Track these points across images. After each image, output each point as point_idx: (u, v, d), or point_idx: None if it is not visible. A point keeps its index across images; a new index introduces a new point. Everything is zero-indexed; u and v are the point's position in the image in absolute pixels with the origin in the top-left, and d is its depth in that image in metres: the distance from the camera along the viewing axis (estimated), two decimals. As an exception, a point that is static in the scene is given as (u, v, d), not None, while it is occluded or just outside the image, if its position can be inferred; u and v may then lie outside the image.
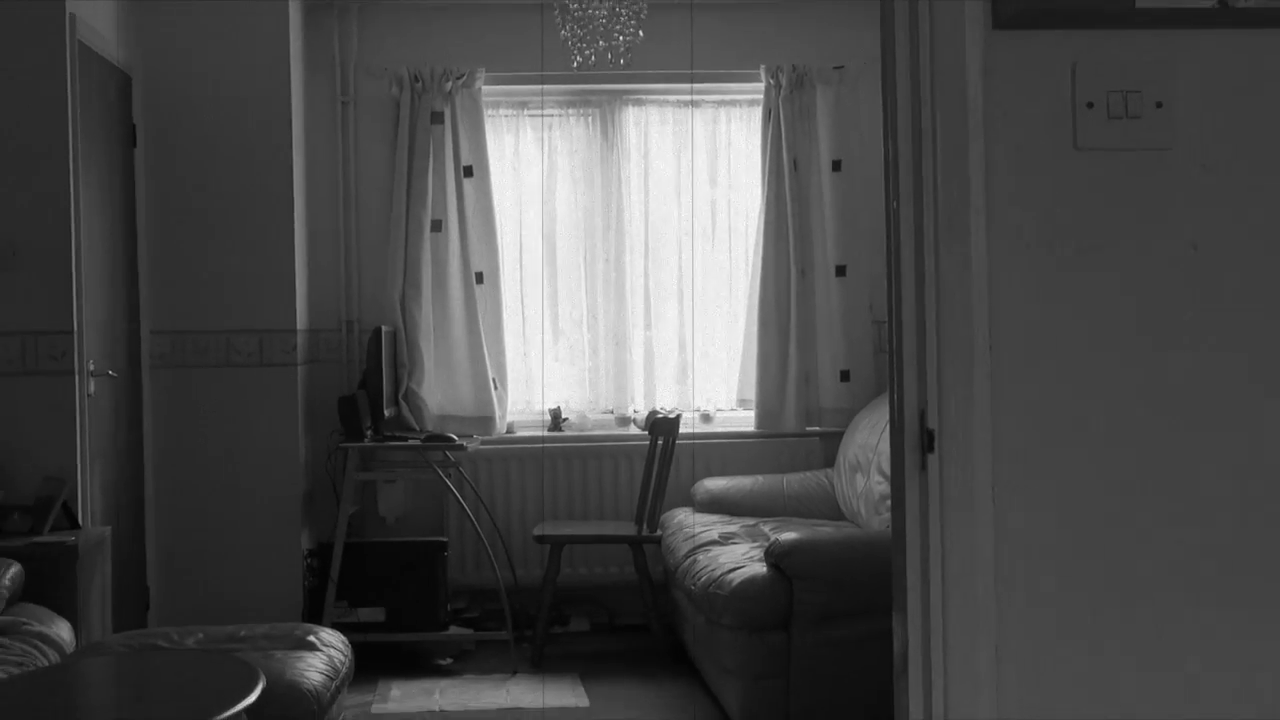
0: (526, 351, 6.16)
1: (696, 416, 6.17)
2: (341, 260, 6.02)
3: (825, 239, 6.03)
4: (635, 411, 6.13)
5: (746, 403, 6.13)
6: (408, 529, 5.89)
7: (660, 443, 5.43)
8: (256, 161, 5.50)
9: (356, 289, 6.03)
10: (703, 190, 6.21)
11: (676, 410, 5.90)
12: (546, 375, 6.16)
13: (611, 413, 6.15)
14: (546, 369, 6.16)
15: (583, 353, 6.17)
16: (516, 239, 6.16)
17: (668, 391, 6.19)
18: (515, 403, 6.12)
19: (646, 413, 5.99)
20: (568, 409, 6.13)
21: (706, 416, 6.20)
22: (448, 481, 5.61)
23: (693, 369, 6.21)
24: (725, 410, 6.22)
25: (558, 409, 6.12)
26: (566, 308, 6.17)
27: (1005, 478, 2.07)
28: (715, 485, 5.82)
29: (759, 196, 6.06)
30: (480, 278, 5.95)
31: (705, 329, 6.21)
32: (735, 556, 4.61)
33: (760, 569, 4.30)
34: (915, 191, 2.10)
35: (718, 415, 6.22)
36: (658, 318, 6.19)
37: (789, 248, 5.99)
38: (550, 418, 6.11)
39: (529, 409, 6.17)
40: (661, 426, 5.46)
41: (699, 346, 6.22)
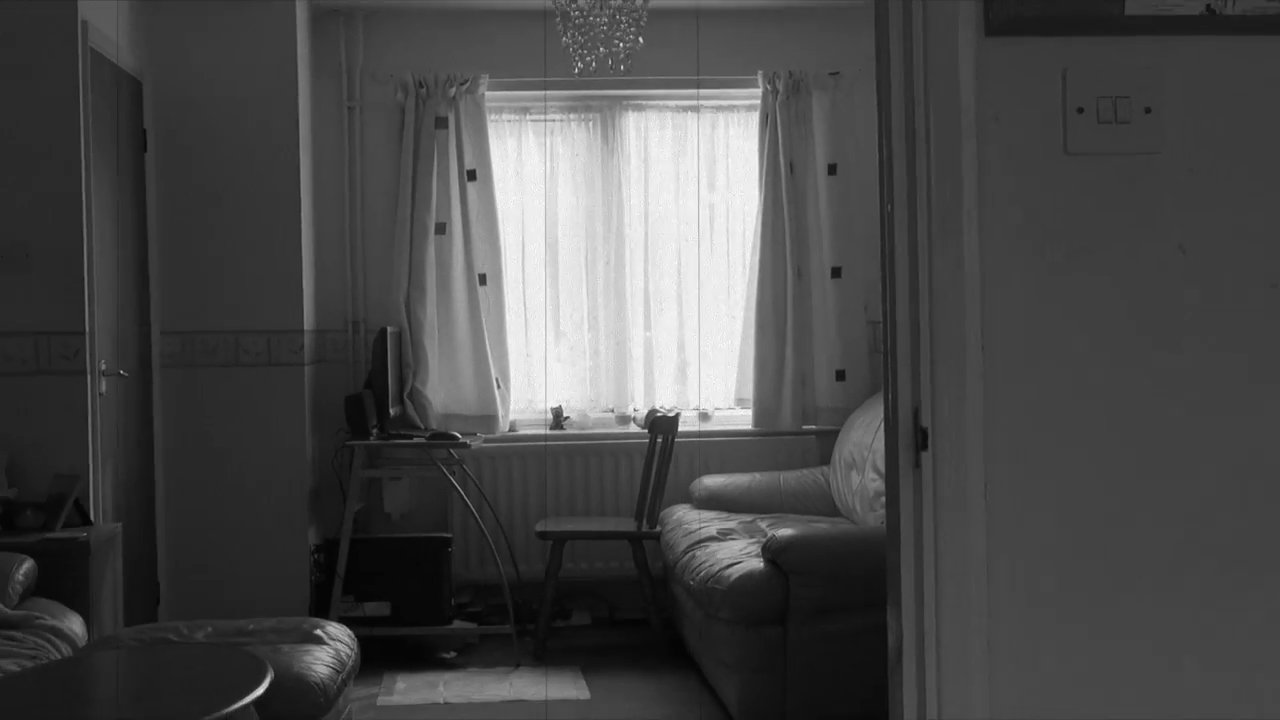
0: (528, 351, 6.16)
1: (695, 415, 6.17)
2: (347, 262, 6.02)
3: (821, 241, 6.03)
4: (635, 410, 6.13)
5: (744, 401, 6.13)
6: (412, 525, 5.89)
7: (659, 441, 5.43)
8: (264, 165, 5.50)
9: (362, 290, 6.03)
10: (701, 193, 6.21)
11: (675, 409, 5.90)
12: (548, 375, 6.16)
13: (612, 411, 6.15)
14: (548, 369, 6.16)
15: (584, 353, 6.17)
16: (519, 241, 6.16)
17: (667, 391, 6.19)
18: (518, 401, 6.11)
19: (646, 411, 5.99)
20: (569, 408, 6.13)
21: (705, 415, 6.21)
22: (451, 479, 5.61)
23: (704, 368, 6.21)
24: (723, 409, 6.22)
25: (559, 408, 6.12)
26: (568, 309, 6.17)
27: (998, 475, 2.07)
28: (713, 482, 5.82)
29: (756, 199, 6.07)
30: (483, 279, 5.96)
31: (704, 329, 6.20)
32: (733, 552, 4.60)
33: (757, 564, 4.30)
34: (909, 195, 2.10)
35: (716, 414, 6.22)
36: (657, 318, 6.19)
37: (786, 250, 5.99)
38: (552, 416, 6.11)
39: (531, 408, 6.17)
40: (661, 425, 5.46)
41: (697, 346, 6.22)
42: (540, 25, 5.51)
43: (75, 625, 3.77)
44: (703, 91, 6.09)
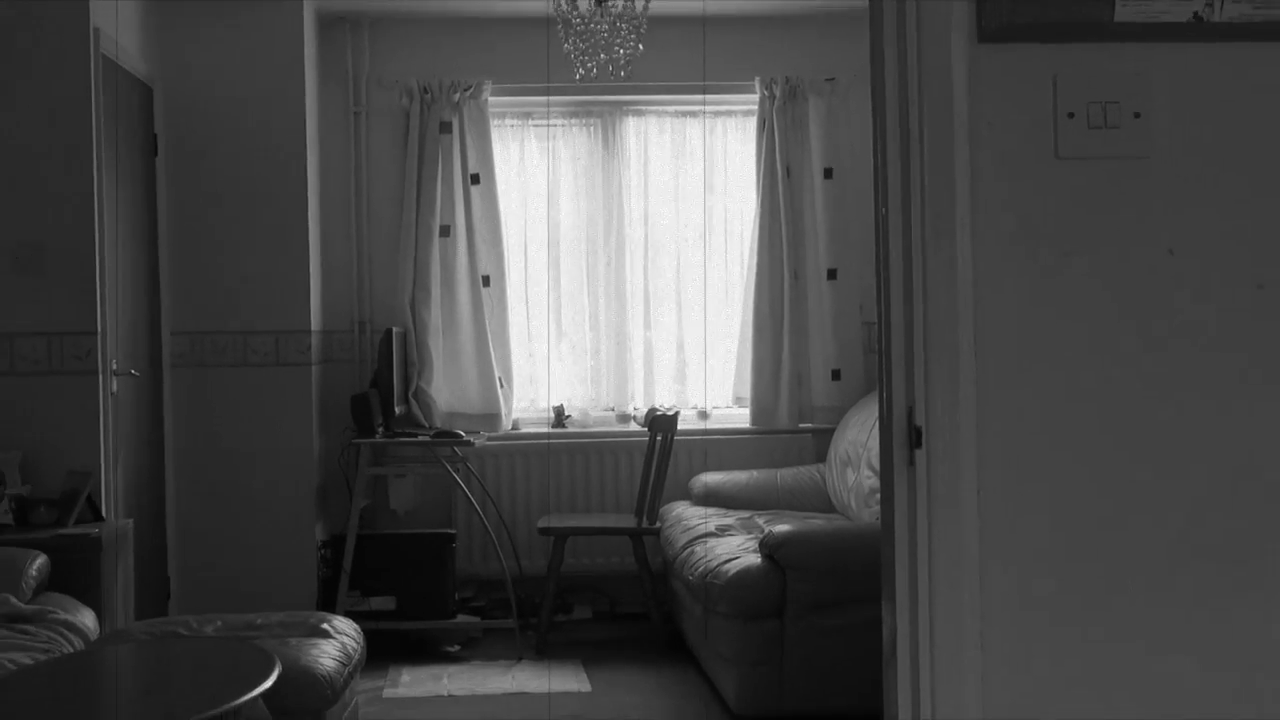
0: (531, 351, 6.16)
1: (694, 414, 6.17)
2: (354, 264, 6.02)
3: (817, 244, 6.03)
4: (635, 409, 6.12)
5: (742, 400, 6.13)
6: (417, 521, 5.89)
7: (659, 439, 5.43)
8: (272, 170, 5.50)
9: (368, 292, 6.03)
10: (700, 197, 6.21)
11: (675, 408, 5.89)
12: (550, 374, 6.16)
13: (612, 410, 6.15)
14: (550, 368, 6.16)
15: (585, 352, 6.17)
16: (521, 244, 6.15)
17: (666, 390, 6.19)
18: (520, 400, 6.11)
19: (646, 410, 5.99)
20: (571, 406, 6.13)
21: (704, 414, 6.20)
22: (456, 476, 5.61)
23: (703, 368, 6.21)
24: (721, 408, 6.22)
25: (561, 406, 6.11)
26: (569, 309, 6.17)
27: (990, 472, 2.07)
28: (712, 479, 5.82)
29: (754, 203, 6.06)
30: (487, 281, 5.95)
31: (702, 330, 6.20)
32: (731, 548, 4.60)
33: (755, 560, 4.29)
34: (903, 198, 2.10)
35: (714, 412, 6.22)
36: (657, 319, 6.19)
37: (782, 252, 5.99)
38: (554, 415, 6.11)
39: (533, 406, 6.17)
40: (660, 423, 5.46)
41: (696, 346, 6.21)
42: (542, 32, 5.50)
43: (87, 619, 3.77)
44: (701, 97, 6.09)
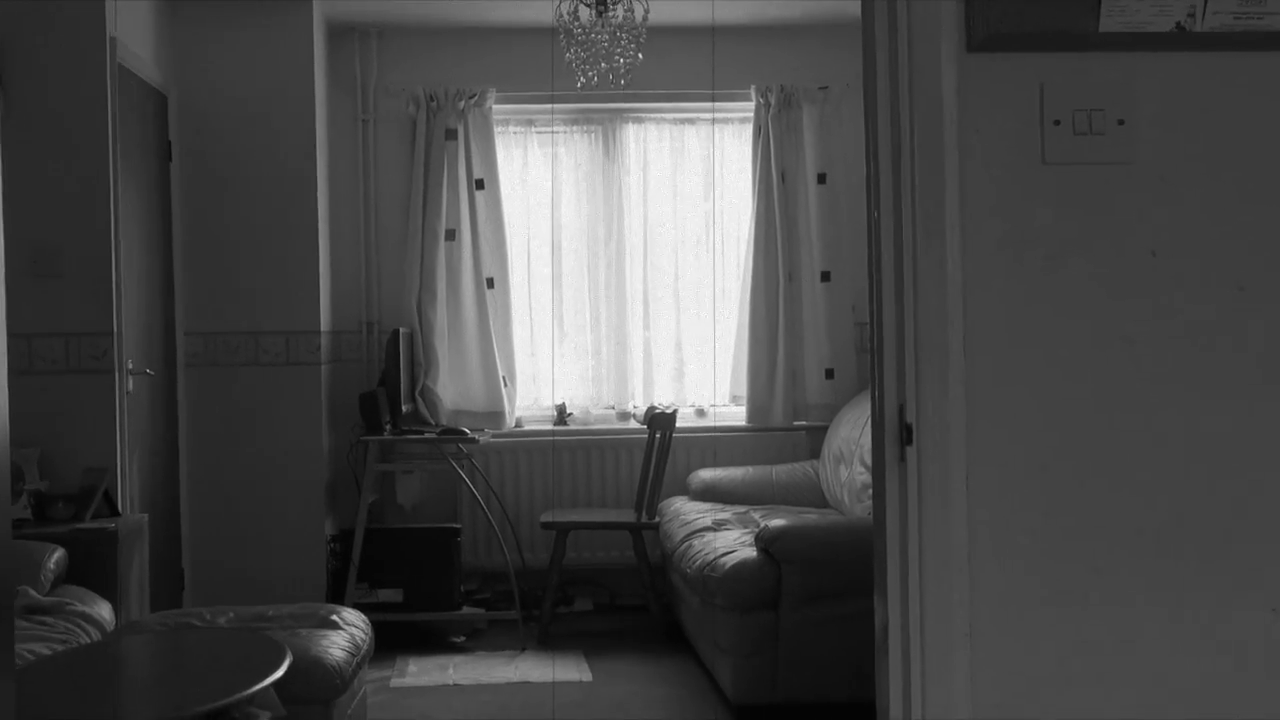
0: (534, 351, 6.16)
1: (692, 412, 6.17)
2: (362, 266, 6.02)
3: (811, 247, 6.03)
4: (635, 407, 6.13)
5: (738, 399, 6.13)
6: (424, 516, 5.89)
7: (658, 436, 5.43)
8: (283, 175, 5.50)
9: (376, 293, 6.03)
10: (698, 201, 6.21)
11: (673, 406, 5.89)
12: (553, 373, 6.16)
13: (613, 408, 6.15)
14: (553, 368, 6.16)
15: (586, 352, 6.17)
16: (525, 247, 6.15)
17: (665, 388, 6.19)
18: (523, 399, 6.12)
19: (645, 408, 5.99)
20: (572, 404, 6.13)
21: (701, 412, 6.20)
22: (461, 472, 5.61)
23: (700, 367, 6.20)
24: (718, 406, 6.22)
25: (563, 405, 6.12)
26: (571, 310, 6.17)
27: (979, 468, 2.07)
28: (709, 475, 5.82)
29: (750, 207, 6.07)
30: (491, 283, 5.96)
31: (700, 330, 6.20)
32: (727, 542, 4.60)
33: (751, 553, 4.29)
34: (895, 203, 2.10)
35: (711, 410, 6.22)
36: (656, 320, 6.19)
37: (777, 255, 5.99)
38: (556, 413, 6.11)
39: (536, 405, 6.17)
40: (659, 421, 5.46)
41: (694, 346, 6.22)
42: (544, 42, 5.50)
43: (104, 611, 3.77)
44: (699, 105, 6.10)
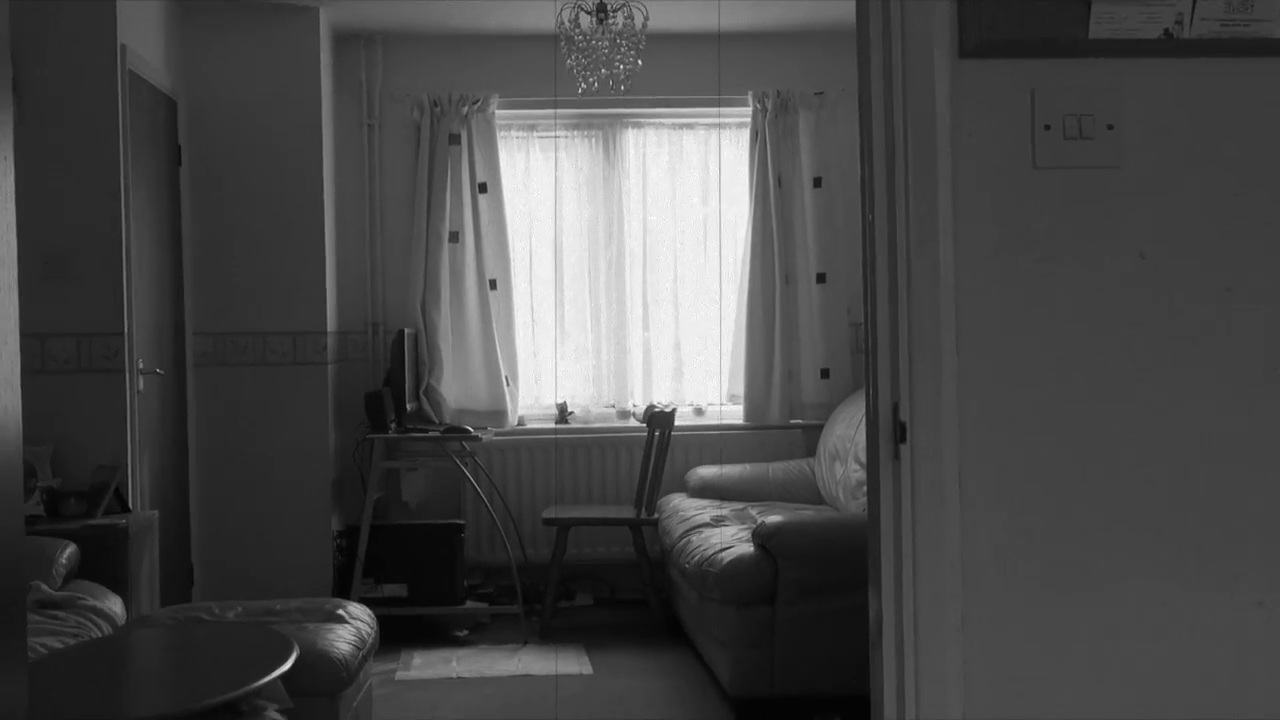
0: (536, 351, 6.16)
1: (690, 410, 6.17)
2: (367, 268, 6.02)
3: (807, 249, 6.03)
4: (634, 406, 6.13)
5: (735, 398, 6.13)
6: (428, 513, 5.89)
7: (657, 434, 5.43)
8: (290, 179, 5.50)
9: (381, 295, 6.03)
10: (696, 204, 6.21)
11: (672, 405, 5.89)
12: (553, 373, 6.16)
13: (613, 407, 6.15)
14: (554, 367, 6.16)
15: (587, 352, 6.17)
16: (526, 249, 6.15)
17: (664, 387, 6.19)
18: (525, 398, 6.12)
19: (645, 407, 5.99)
20: (573, 403, 6.13)
21: (699, 410, 6.20)
22: (464, 469, 5.61)
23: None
24: (716, 405, 6.22)
25: (564, 403, 6.12)
26: (572, 311, 6.17)
27: (971, 466, 2.07)
28: (707, 473, 5.82)
29: (747, 210, 6.07)
30: (493, 284, 5.96)
31: (698, 331, 6.20)
32: (725, 537, 4.60)
33: (748, 549, 4.29)
34: (889, 206, 2.10)
35: (709, 409, 6.22)
36: (655, 320, 6.19)
37: (774, 257, 6.00)
38: (557, 411, 6.11)
39: (538, 403, 6.17)
40: (658, 419, 5.46)
41: (692, 346, 6.22)
42: (546, 49, 5.50)
43: (115, 605, 3.77)
44: (697, 110, 6.10)
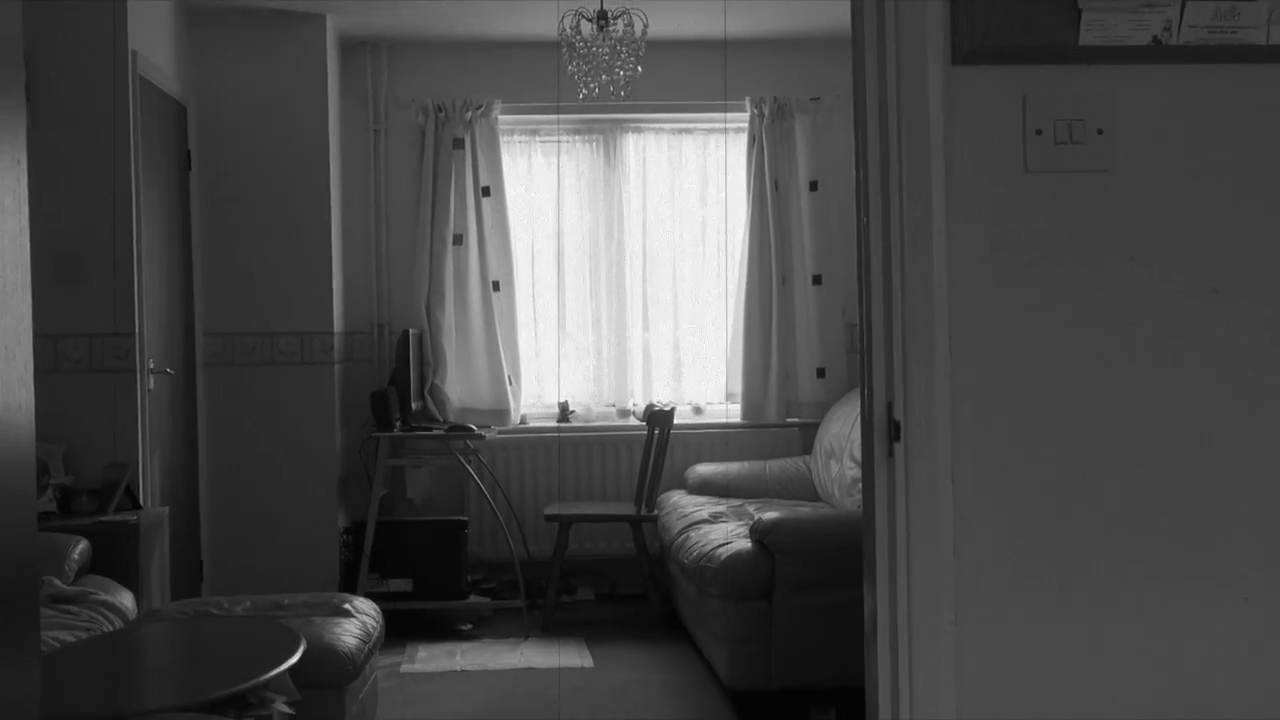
0: (538, 351, 6.16)
1: (689, 409, 6.17)
2: (373, 270, 6.02)
3: (804, 251, 6.03)
4: (634, 405, 6.12)
5: (733, 396, 6.12)
6: (432, 509, 5.89)
7: (657, 432, 5.43)
8: (297, 183, 5.50)
9: (387, 296, 6.03)
10: (694, 207, 6.21)
11: (671, 404, 5.89)
12: (555, 372, 6.16)
13: (613, 406, 6.15)
14: (556, 367, 6.16)
15: (588, 352, 6.17)
16: (529, 251, 6.15)
17: (663, 387, 6.19)
18: (528, 397, 6.11)
19: (645, 406, 5.99)
20: (575, 402, 6.13)
21: (698, 409, 6.20)
22: (468, 467, 5.61)
23: (697, 366, 6.20)
24: (714, 403, 6.22)
25: (566, 403, 6.11)
26: (573, 312, 6.17)
27: (964, 463, 2.07)
28: (705, 470, 5.82)
29: (744, 213, 6.07)
30: (497, 286, 5.96)
31: (696, 331, 6.20)
32: (723, 533, 4.60)
33: (745, 545, 4.29)
34: (883, 209, 2.10)
35: (708, 408, 6.22)
36: (654, 321, 6.19)
37: (771, 259, 6.00)
38: (559, 410, 6.11)
39: (540, 402, 6.17)
40: (658, 418, 5.46)
41: (691, 346, 6.22)
42: (548, 56, 5.50)
43: (126, 600, 3.78)
44: (696, 115, 6.10)
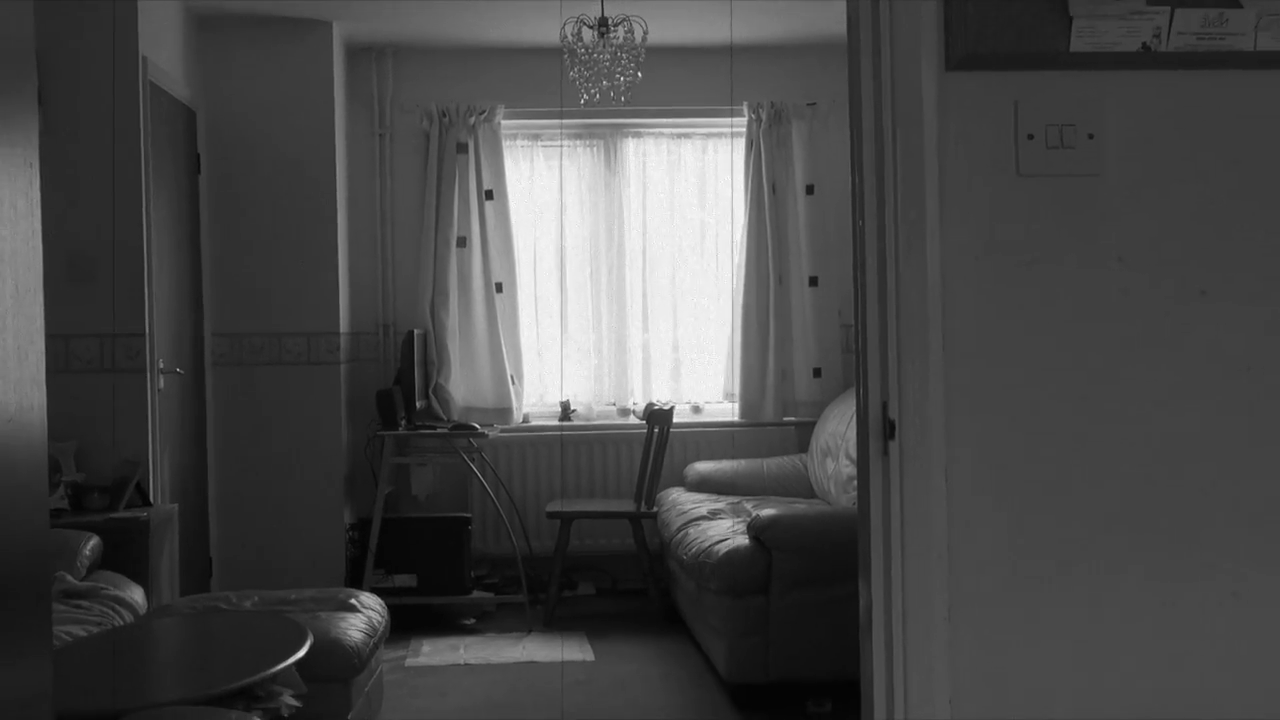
0: (540, 351, 6.16)
1: (688, 408, 6.17)
2: (378, 272, 6.02)
3: (800, 253, 6.03)
4: (634, 404, 6.12)
5: (731, 396, 6.12)
6: (436, 506, 5.89)
7: (656, 431, 5.43)
8: (304, 186, 5.50)
9: (392, 297, 6.03)
10: (693, 210, 6.21)
11: (670, 403, 5.89)
12: (557, 372, 6.16)
13: (614, 405, 6.15)
14: (559, 367, 6.16)
15: (589, 352, 6.17)
16: (531, 254, 6.15)
17: (663, 386, 6.19)
18: (530, 396, 6.11)
19: (645, 405, 5.99)
20: (576, 402, 6.13)
21: (696, 408, 6.20)
22: (471, 465, 5.60)
23: (696, 366, 6.20)
24: (713, 403, 6.22)
25: (567, 402, 6.11)
26: (575, 313, 6.17)
27: (957, 462, 2.07)
28: (704, 468, 5.82)
29: (742, 216, 6.06)
30: (499, 287, 5.96)
31: (695, 331, 6.20)
32: (721, 530, 4.60)
33: (743, 541, 4.29)
34: (878, 212, 2.10)
35: (706, 407, 6.22)
36: (654, 321, 6.19)
37: (768, 261, 6.00)
38: (561, 409, 6.11)
39: (542, 402, 6.17)
40: (657, 417, 5.46)
41: (690, 347, 6.22)
42: (550, 61, 5.51)
43: (136, 595, 3.78)
44: (695, 120, 6.10)
